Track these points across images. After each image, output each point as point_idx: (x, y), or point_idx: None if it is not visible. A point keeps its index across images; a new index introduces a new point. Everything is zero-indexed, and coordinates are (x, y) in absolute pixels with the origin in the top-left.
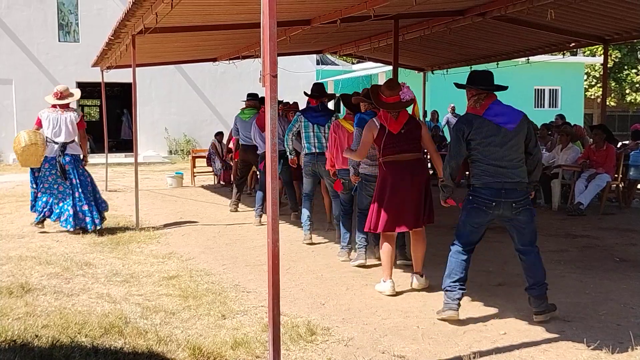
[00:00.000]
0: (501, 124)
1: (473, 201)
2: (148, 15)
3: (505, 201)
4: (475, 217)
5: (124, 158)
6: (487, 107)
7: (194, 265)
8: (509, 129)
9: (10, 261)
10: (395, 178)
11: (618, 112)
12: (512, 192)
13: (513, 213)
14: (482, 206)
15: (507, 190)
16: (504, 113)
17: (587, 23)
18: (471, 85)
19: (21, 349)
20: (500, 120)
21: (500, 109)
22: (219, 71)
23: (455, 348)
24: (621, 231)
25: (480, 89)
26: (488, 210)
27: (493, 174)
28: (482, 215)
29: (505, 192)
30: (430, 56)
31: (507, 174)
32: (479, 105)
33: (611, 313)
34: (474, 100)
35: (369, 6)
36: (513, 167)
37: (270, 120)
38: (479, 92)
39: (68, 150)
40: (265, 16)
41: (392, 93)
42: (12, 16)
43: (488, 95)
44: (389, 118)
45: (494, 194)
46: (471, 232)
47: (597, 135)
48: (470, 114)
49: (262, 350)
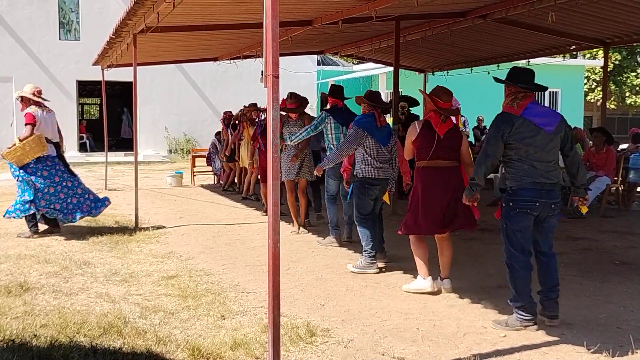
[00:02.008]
0: (540, 125)
1: (515, 206)
2: (150, 15)
3: (546, 202)
4: (521, 222)
5: (123, 157)
6: (524, 107)
7: (194, 265)
8: (548, 131)
9: (8, 260)
10: (427, 183)
11: (618, 115)
12: (551, 193)
13: (549, 215)
14: (525, 209)
15: (547, 190)
16: (543, 114)
17: (587, 26)
18: (511, 82)
19: (19, 349)
20: (540, 122)
21: (538, 110)
22: (220, 71)
23: (455, 350)
24: (621, 234)
25: (520, 87)
26: (532, 211)
27: (533, 174)
28: (527, 218)
29: (546, 193)
30: (431, 57)
31: (546, 175)
32: (516, 104)
33: (611, 316)
34: (511, 99)
35: (370, 7)
36: (550, 169)
37: (272, 121)
38: (518, 91)
39: None
40: (268, 16)
41: (448, 99)
42: (14, 14)
43: (526, 95)
44: (439, 121)
45: (536, 195)
46: (522, 238)
47: (597, 138)
48: (509, 113)
49: (262, 351)
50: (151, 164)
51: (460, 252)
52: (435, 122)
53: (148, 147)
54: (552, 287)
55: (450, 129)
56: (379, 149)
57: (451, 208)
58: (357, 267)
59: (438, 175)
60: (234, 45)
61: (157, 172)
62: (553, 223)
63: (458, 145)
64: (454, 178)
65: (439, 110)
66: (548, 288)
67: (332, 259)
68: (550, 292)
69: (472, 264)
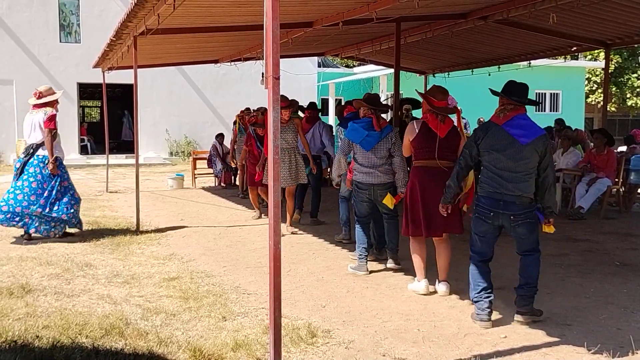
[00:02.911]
0: (515, 136)
1: (476, 210)
2: (150, 17)
3: (503, 213)
4: (479, 227)
5: (124, 159)
6: (509, 119)
7: (195, 267)
8: (522, 142)
9: (10, 262)
10: (425, 183)
11: (619, 116)
12: (511, 205)
13: (512, 225)
14: (482, 216)
15: (506, 202)
16: (524, 127)
17: (588, 27)
18: (505, 95)
19: (22, 350)
20: (516, 133)
21: (521, 123)
22: (220, 73)
23: (456, 351)
24: (621, 235)
25: (513, 100)
26: (487, 220)
27: (495, 184)
28: (484, 225)
29: (504, 204)
30: (431, 59)
31: (508, 187)
32: (503, 115)
33: (611, 317)
34: (500, 110)
35: (371, 9)
36: (517, 181)
37: (272, 123)
38: (509, 103)
39: (39, 151)
40: (269, 18)
41: (443, 98)
42: (14, 17)
43: (515, 108)
44: (437, 122)
45: (493, 205)
46: (480, 241)
47: (597, 140)
48: (491, 122)
49: (263, 352)
50: (152, 166)
51: (461, 254)
52: (433, 123)
53: (149, 150)
54: (524, 283)
55: (450, 129)
56: (365, 154)
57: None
58: (351, 268)
59: (436, 175)
60: (235, 47)
61: (158, 174)
62: (522, 231)
63: (456, 145)
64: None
65: (434, 110)
66: (520, 284)
67: (333, 260)
68: (521, 288)
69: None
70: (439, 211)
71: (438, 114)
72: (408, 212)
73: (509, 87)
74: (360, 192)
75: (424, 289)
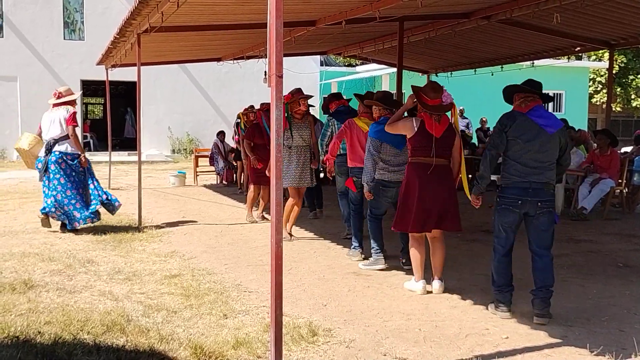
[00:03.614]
0: (542, 126)
1: (501, 202)
2: (154, 14)
3: (531, 200)
4: (505, 217)
5: (127, 156)
6: (531, 108)
7: (196, 265)
8: (549, 132)
9: (13, 257)
10: (422, 180)
11: (622, 117)
12: (540, 192)
13: (537, 213)
14: (509, 206)
15: (535, 189)
16: (547, 117)
17: (593, 27)
18: (525, 86)
19: (24, 345)
20: (542, 122)
21: (543, 113)
22: (223, 71)
23: (457, 351)
24: (624, 237)
25: (529, 91)
26: (515, 208)
27: (521, 173)
28: (511, 215)
29: (533, 191)
30: (434, 58)
31: (536, 174)
32: (524, 105)
33: (614, 319)
34: (521, 101)
35: (374, 8)
36: (543, 169)
37: (275, 121)
38: (526, 95)
39: (56, 147)
40: (272, 16)
41: (436, 96)
42: (18, 14)
43: (535, 99)
44: (432, 122)
45: (521, 193)
46: (506, 231)
47: (601, 140)
48: (515, 111)
49: (264, 350)
50: (154, 163)
51: (462, 254)
52: (428, 123)
53: (151, 147)
54: (542, 286)
55: (445, 129)
56: (395, 152)
57: (444, 206)
58: (365, 265)
59: (434, 171)
60: (238, 45)
61: (160, 171)
62: (544, 221)
63: (452, 143)
64: (448, 176)
65: (427, 109)
66: (538, 287)
67: (334, 259)
68: (540, 291)
69: (474, 265)
70: (436, 208)
71: (432, 114)
72: (401, 208)
73: (526, 83)
74: (387, 190)
75: (422, 289)
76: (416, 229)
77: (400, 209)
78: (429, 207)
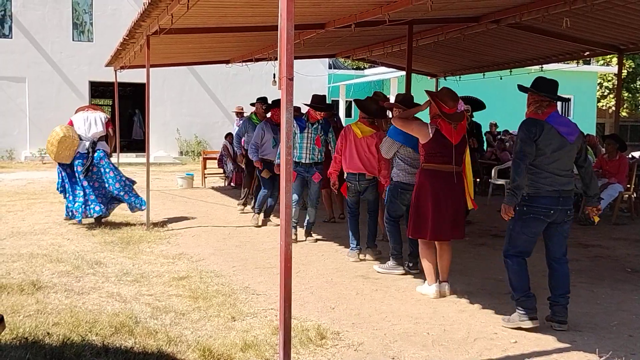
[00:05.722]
0: (564, 134)
1: (529, 211)
2: (163, 16)
3: (562, 209)
4: (532, 227)
5: (135, 158)
6: (549, 115)
7: (204, 267)
8: (570, 140)
9: (21, 258)
10: (436, 187)
11: (631, 122)
12: (568, 200)
13: (565, 220)
14: (540, 215)
15: (564, 198)
16: (566, 124)
17: (602, 32)
18: (537, 90)
19: (32, 347)
20: (563, 131)
21: (561, 120)
22: (231, 73)
23: (465, 356)
24: (633, 242)
25: (544, 96)
26: (546, 218)
27: (551, 182)
28: (540, 224)
29: (563, 200)
30: (443, 62)
31: (563, 183)
32: (541, 112)
33: (623, 324)
34: (536, 107)
35: (384, 11)
36: (569, 177)
37: (285, 123)
38: (542, 99)
39: (98, 145)
40: (283, 18)
41: (454, 104)
42: (27, 15)
43: (550, 104)
44: (451, 129)
45: (553, 202)
46: (527, 242)
47: (609, 145)
48: (536, 119)
49: (272, 353)
50: (162, 165)
51: (470, 258)
52: (446, 130)
53: (159, 149)
54: (562, 293)
55: (462, 136)
56: (414, 156)
57: (456, 214)
58: (384, 268)
59: (450, 179)
60: (246, 47)
61: (168, 173)
62: (567, 229)
63: (464, 149)
64: (461, 184)
65: (444, 117)
66: (558, 294)
67: (343, 262)
68: (561, 297)
69: (482, 269)
70: (449, 216)
71: (450, 122)
72: (414, 214)
73: (539, 83)
74: (404, 193)
75: (435, 293)
76: (434, 237)
77: (414, 216)
78: (444, 215)
